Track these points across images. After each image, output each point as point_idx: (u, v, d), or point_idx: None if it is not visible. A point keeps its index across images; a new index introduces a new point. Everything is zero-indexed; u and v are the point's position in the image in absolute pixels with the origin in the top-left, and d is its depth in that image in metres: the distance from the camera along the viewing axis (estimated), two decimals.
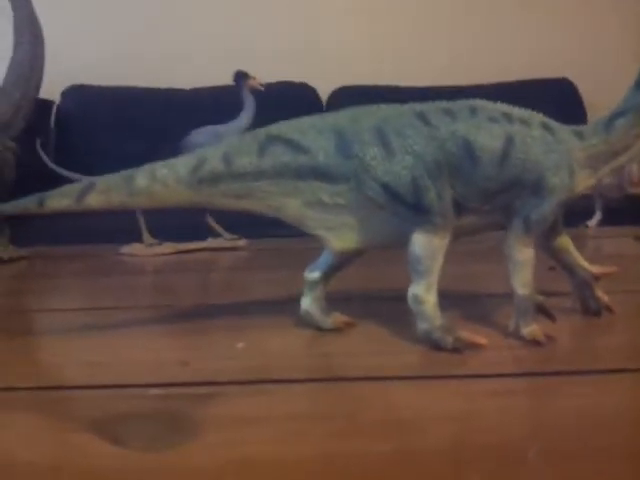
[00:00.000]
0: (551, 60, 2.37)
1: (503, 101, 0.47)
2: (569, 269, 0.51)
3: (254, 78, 1.16)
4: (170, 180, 0.46)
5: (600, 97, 0.47)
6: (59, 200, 0.46)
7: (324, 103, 2.41)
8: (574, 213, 1.04)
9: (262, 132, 0.47)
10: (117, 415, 0.36)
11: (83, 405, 0.38)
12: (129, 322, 0.57)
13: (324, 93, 2.40)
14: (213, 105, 1.82)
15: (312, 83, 2.38)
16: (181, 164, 0.46)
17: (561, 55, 2.40)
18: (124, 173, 0.46)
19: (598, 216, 1.11)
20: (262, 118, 0.76)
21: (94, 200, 0.46)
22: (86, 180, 0.47)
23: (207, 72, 2.14)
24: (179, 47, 2.42)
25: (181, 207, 0.47)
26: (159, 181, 0.46)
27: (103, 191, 0.46)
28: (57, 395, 0.40)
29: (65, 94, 2.32)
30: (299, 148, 0.46)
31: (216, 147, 0.47)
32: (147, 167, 0.46)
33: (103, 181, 0.46)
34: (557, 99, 2.25)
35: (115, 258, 0.98)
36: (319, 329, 0.50)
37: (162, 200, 0.46)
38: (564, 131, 0.46)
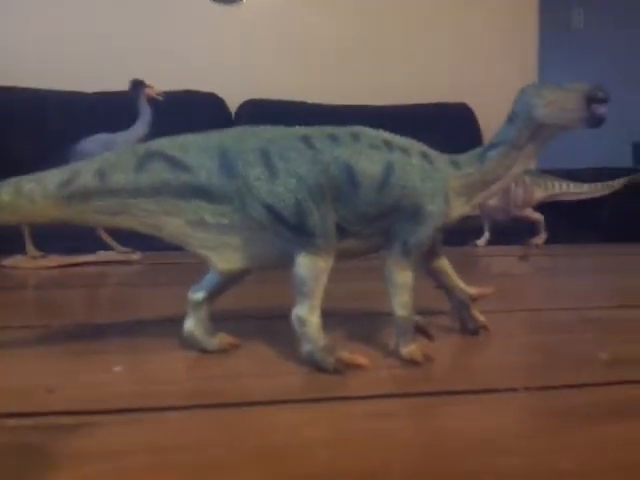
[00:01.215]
0: (451, 86, 2.49)
1: (405, 123, 0.48)
2: (447, 290, 0.53)
3: (151, 87, 1.13)
4: (37, 195, 0.43)
5: (495, 122, 0.50)
6: None
7: (233, 115, 2.39)
8: (464, 232, 1.09)
9: (142, 147, 0.46)
10: None
11: None
12: (0, 343, 0.53)
13: (233, 104, 2.38)
14: (114, 111, 1.75)
15: (221, 94, 2.36)
16: (50, 178, 0.44)
17: (461, 81, 2.53)
18: None
19: (486, 236, 1.17)
20: (167, 127, 0.74)
21: None
22: None
23: (112, 77, 2.06)
24: (84, 50, 2.32)
25: (51, 223, 0.44)
26: (25, 196, 0.43)
27: None
28: None
29: None
30: (180, 166, 0.45)
31: (91, 161, 0.45)
32: (12, 180, 0.43)
33: None
34: (456, 122, 2.37)
35: None
36: (203, 350, 0.49)
37: (28, 216, 0.43)
38: (441, 160, 0.48)
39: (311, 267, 0.44)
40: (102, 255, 0.99)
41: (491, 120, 2.18)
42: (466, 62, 2.59)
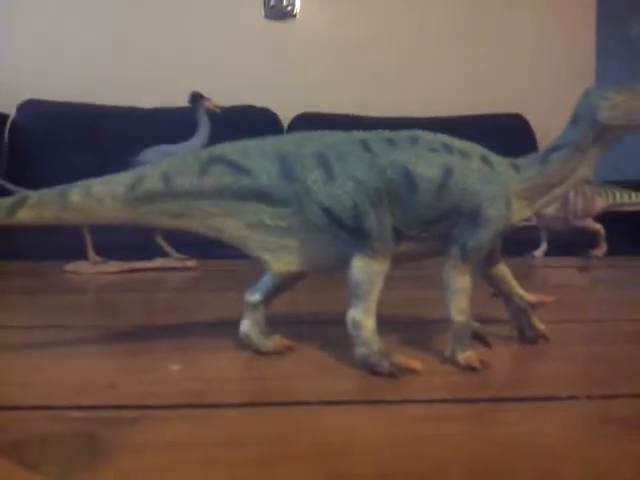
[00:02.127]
0: (506, 96, 2.45)
1: (459, 134, 0.48)
2: (506, 297, 0.51)
3: (210, 100, 1.16)
4: (105, 196, 0.45)
5: (551, 133, 0.49)
6: None
7: (285, 129, 2.42)
8: (521, 243, 1.07)
9: (205, 152, 0.47)
10: (33, 438, 0.34)
11: None
12: (64, 342, 0.55)
13: (285, 119, 2.41)
14: (171, 126, 1.80)
15: (274, 108, 2.40)
16: (118, 181, 0.45)
17: (515, 92, 2.49)
18: (58, 188, 0.45)
19: (544, 247, 1.14)
20: (223, 140, 0.75)
21: (25, 215, 0.44)
22: (18, 195, 0.46)
23: (169, 93, 2.13)
24: (142, 67, 2.41)
25: (117, 225, 0.46)
26: (94, 197, 0.45)
27: (35, 206, 0.45)
28: None
29: (21, 108, 2.26)
30: (241, 169, 0.46)
31: (156, 165, 0.46)
32: (82, 183, 0.45)
33: (35, 196, 0.45)
34: (510, 134, 2.32)
35: (59, 276, 0.96)
36: (258, 352, 0.50)
37: (96, 216, 0.45)
38: (502, 164, 0.47)
39: (367, 270, 0.44)
40: (159, 262, 1.01)
41: (547, 131, 2.13)
42: (521, 72, 2.54)
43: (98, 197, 0.45)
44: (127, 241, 1.06)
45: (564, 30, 2.59)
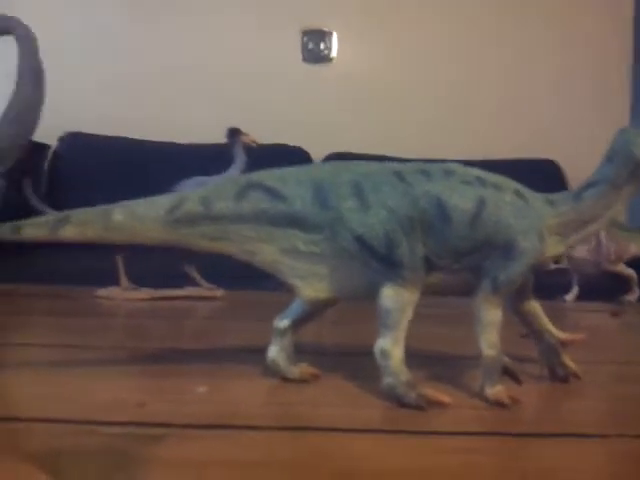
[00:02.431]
0: (537, 142, 2.45)
1: None
2: (537, 334, 0.51)
3: (247, 135, 1.19)
4: (147, 217, 0.46)
5: (584, 178, 0.49)
6: (34, 229, 0.46)
7: None
8: (552, 287, 1.05)
9: (243, 178, 0.48)
10: (62, 450, 0.35)
11: (27, 438, 0.37)
12: (94, 361, 0.56)
13: (317, 158, 2.45)
14: (207, 161, 1.85)
15: (306, 147, 2.44)
16: (160, 203, 0.47)
17: (547, 137, 2.49)
18: (101, 207, 0.47)
19: (575, 291, 1.12)
20: None
21: (69, 231, 0.46)
22: (64, 212, 0.47)
23: (208, 131, 2.19)
24: (183, 104, 2.48)
25: (156, 245, 0.47)
26: (137, 218, 0.46)
27: (79, 223, 0.46)
28: (4, 426, 0.39)
29: (62, 139, 2.35)
30: (278, 196, 0.47)
31: (196, 190, 0.48)
32: (125, 203, 0.47)
33: (80, 213, 0.46)
34: (543, 179, 2.31)
35: (90, 300, 0.97)
36: (285, 379, 0.50)
37: (138, 236, 0.47)
38: (536, 198, 0.47)
39: (397, 299, 0.44)
40: (189, 290, 1.02)
41: (579, 177, 2.11)
42: (554, 117, 2.55)
43: (140, 218, 0.46)
44: (158, 269, 1.07)
45: (598, 74, 2.60)
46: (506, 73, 2.60)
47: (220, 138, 1.28)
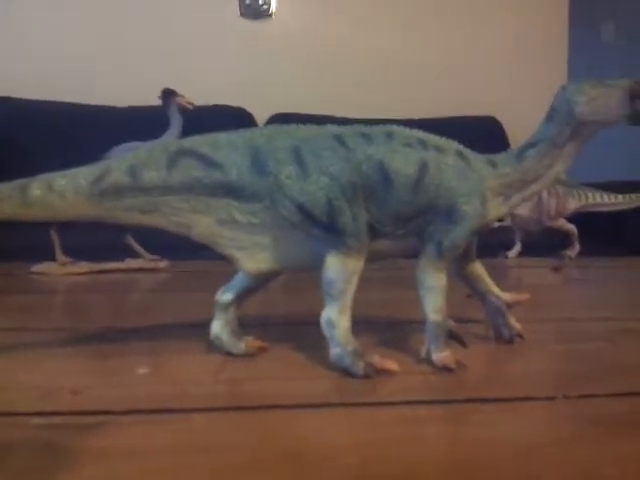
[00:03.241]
0: (480, 99, 2.47)
1: None
2: (482, 296, 0.51)
3: (182, 96, 1.14)
4: (68, 191, 0.43)
5: (525, 136, 0.49)
6: None
7: None
8: (495, 245, 1.07)
9: (173, 145, 0.45)
10: None
11: None
12: (28, 345, 0.53)
13: (261, 119, 2.39)
14: (143, 125, 1.77)
15: (249, 108, 2.38)
16: (82, 175, 0.43)
17: (489, 95, 2.51)
18: (18, 182, 0.43)
19: (518, 247, 1.15)
20: None
21: None
22: None
23: (142, 92, 2.09)
24: (114, 65, 2.37)
25: (81, 220, 0.44)
26: (56, 192, 0.43)
27: None
28: None
29: None
30: (212, 163, 0.44)
31: (122, 159, 0.44)
32: (44, 176, 0.43)
33: None
34: (484, 136, 2.34)
35: (25, 277, 0.93)
36: (230, 354, 0.48)
37: (59, 212, 0.43)
38: (478, 160, 0.47)
39: (341, 268, 0.43)
40: (130, 263, 0.99)
41: (520, 134, 2.15)
42: (495, 75, 2.57)
43: (60, 192, 0.43)
44: (97, 242, 1.03)
45: (538, 34, 2.63)
46: (447, 30, 2.59)
47: (156, 100, 1.22)
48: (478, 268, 0.50)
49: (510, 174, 0.46)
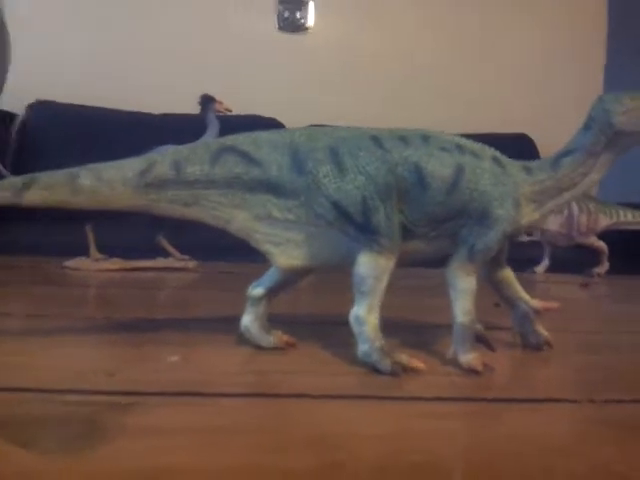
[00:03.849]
0: (512, 116, 2.46)
1: None
2: (510, 302, 0.51)
3: (220, 102, 1.16)
4: (116, 182, 0.45)
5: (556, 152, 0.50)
6: None
7: None
8: (523, 259, 1.06)
9: (216, 142, 0.47)
10: (28, 419, 0.34)
11: None
12: (63, 330, 0.55)
13: None
14: (180, 131, 1.81)
15: (281, 119, 2.41)
16: (129, 166, 0.45)
17: (521, 112, 2.50)
18: (68, 171, 0.45)
19: (546, 263, 1.14)
20: None
21: (35, 195, 0.44)
22: (29, 175, 0.45)
23: (180, 100, 2.14)
24: (154, 72, 2.42)
25: (125, 210, 0.46)
26: (104, 181, 0.44)
27: (45, 187, 0.44)
28: None
29: (30, 108, 2.27)
30: (252, 160, 0.45)
31: (167, 153, 0.46)
32: (92, 166, 0.45)
33: (46, 177, 0.45)
34: (516, 154, 2.32)
35: (59, 271, 0.95)
36: (259, 347, 0.49)
37: (107, 201, 0.45)
38: (513, 166, 0.47)
39: (373, 266, 0.44)
40: (161, 261, 1.01)
41: (552, 151, 2.13)
42: (528, 92, 2.56)
43: (109, 181, 0.44)
44: (130, 240, 1.05)
45: (573, 50, 2.61)
46: (484, 48, 2.59)
47: (194, 109, 1.25)
48: (508, 274, 0.50)
49: (544, 181, 0.47)
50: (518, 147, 2.43)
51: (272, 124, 2.41)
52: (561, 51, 2.59)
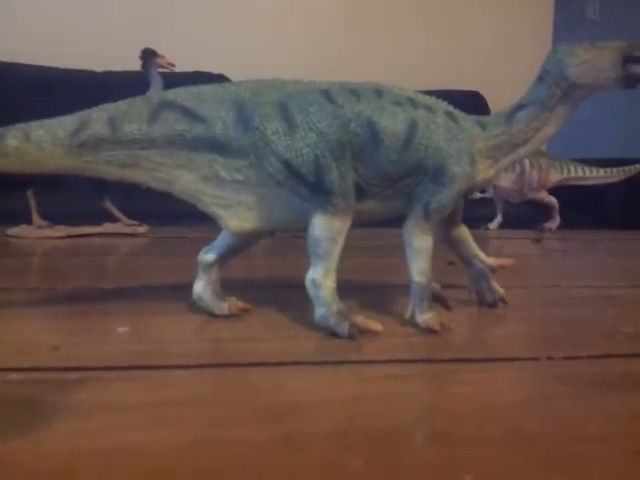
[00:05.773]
0: (463, 73, 2.46)
1: None
2: (466, 260, 0.51)
3: (163, 56, 1.11)
4: (46, 142, 0.41)
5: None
6: None
7: None
8: (475, 216, 1.07)
9: (155, 97, 0.44)
10: None
11: None
12: (4, 303, 0.52)
13: None
14: (123, 89, 1.73)
15: (230, 75, 2.34)
16: (60, 125, 0.42)
17: (474, 69, 2.50)
18: None
19: (499, 219, 1.15)
20: None
21: None
22: None
23: (122, 57, 2.04)
24: (96, 30, 2.30)
25: (58, 172, 0.43)
26: (33, 142, 0.41)
27: None
28: None
29: None
30: (195, 117, 0.43)
31: (102, 109, 0.43)
32: (22, 126, 0.41)
33: None
34: (467, 111, 2.33)
35: (0, 239, 0.90)
36: (212, 315, 0.47)
37: (36, 163, 0.42)
38: (467, 120, 0.46)
39: (328, 228, 0.42)
40: (109, 227, 0.97)
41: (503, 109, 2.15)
42: (479, 50, 2.56)
43: (38, 142, 0.41)
44: (74, 206, 1.01)
45: (522, 10, 2.61)
46: (433, 4, 2.57)
47: (136, 65, 1.19)
48: (464, 232, 0.50)
49: (499, 135, 0.46)
50: (470, 104, 2.44)
51: (219, 80, 2.33)
52: (513, 10, 2.59)
